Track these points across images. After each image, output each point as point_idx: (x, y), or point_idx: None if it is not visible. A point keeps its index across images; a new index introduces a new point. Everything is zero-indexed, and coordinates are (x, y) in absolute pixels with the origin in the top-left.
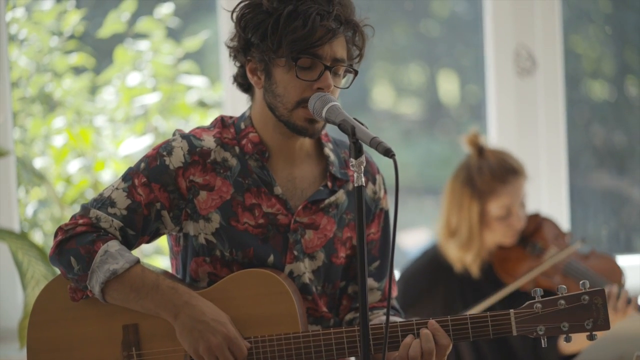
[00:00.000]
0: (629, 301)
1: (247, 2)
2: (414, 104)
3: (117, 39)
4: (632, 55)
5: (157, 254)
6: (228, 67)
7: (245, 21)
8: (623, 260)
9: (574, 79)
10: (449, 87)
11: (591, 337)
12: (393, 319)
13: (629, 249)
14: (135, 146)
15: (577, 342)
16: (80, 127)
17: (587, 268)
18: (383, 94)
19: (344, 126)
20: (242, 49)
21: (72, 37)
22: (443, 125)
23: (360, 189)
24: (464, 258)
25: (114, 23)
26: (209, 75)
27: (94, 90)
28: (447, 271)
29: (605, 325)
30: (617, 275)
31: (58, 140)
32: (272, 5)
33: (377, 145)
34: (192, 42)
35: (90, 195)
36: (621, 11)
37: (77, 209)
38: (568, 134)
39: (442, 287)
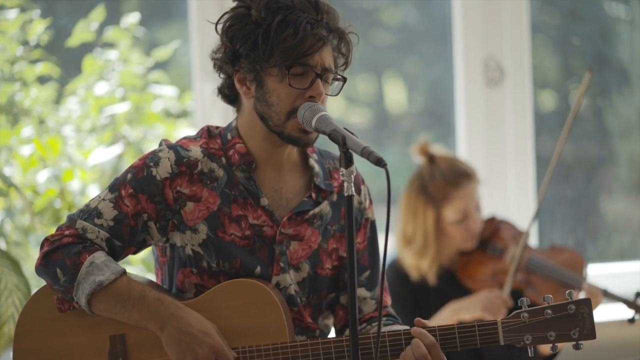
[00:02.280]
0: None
1: (232, 14)
2: (364, 113)
3: (87, 48)
4: (578, 64)
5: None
6: (198, 77)
7: (232, 32)
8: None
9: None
10: (396, 96)
11: (577, 347)
12: (391, 327)
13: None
14: (104, 156)
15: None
16: (49, 137)
17: (550, 262)
18: (332, 104)
19: (334, 136)
20: (229, 59)
21: (37, 46)
22: (392, 135)
23: (350, 199)
24: (419, 265)
25: (82, 32)
26: (179, 85)
27: (60, 99)
28: (405, 281)
29: (592, 335)
30: (579, 265)
31: (25, 150)
32: (260, 15)
33: (368, 155)
34: (162, 52)
35: (58, 205)
36: (568, 21)
37: (45, 218)
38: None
39: (402, 298)
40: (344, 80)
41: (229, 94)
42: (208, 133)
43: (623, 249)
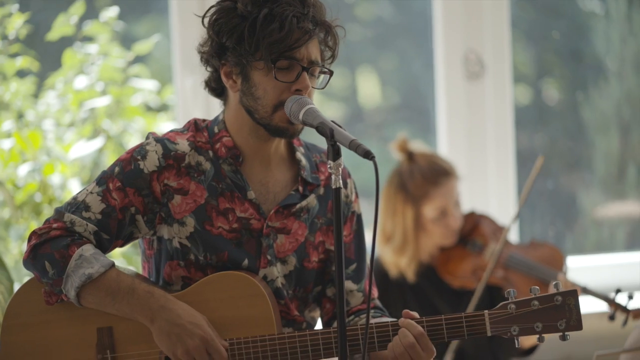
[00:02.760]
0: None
1: (219, 7)
2: (338, 108)
3: (66, 42)
4: (552, 59)
5: None
6: (179, 71)
7: (218, 25)
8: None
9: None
10: (369, 91)
11: (564, 338)
12: (379, 320)
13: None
14: (85, 149)
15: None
16: (29, 131)
17: (529, 259)
18: None
19: (322, 129)
20: (215, 53)
21: (16, 40)
22: (366, 129)
23: (338, 191)
24: (398, 262)
25: (62, 26)
26: (159, 79)
27: (39, 93)
28: (384, 278)
29: (578, 326)
30: (558, 262)
31: (5, 144)
32: (246, 8)
33: (356, 147)
34: (142, 46)
35: (39, 198)
36: (543, 17)
37: (26, 212)
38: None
39: (381, 295)
40: (331, 73)
41: (215, 87)
42: (195, 126)
43: (600, 242)
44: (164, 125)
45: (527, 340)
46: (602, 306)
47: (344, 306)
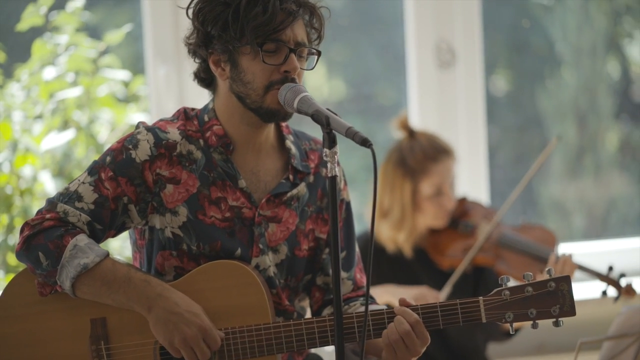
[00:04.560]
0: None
1: None
2: None
3: (35, 33)
4: (502, 50)
5: None
6: (151, 60)
7: (203, 15)
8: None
9: None
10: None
11: (557, 324)
12: (371, 307)
13: None
14: (57, 141)
15: None
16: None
17: (522, 237)
18: None
19: (317, 116)
20: (202, 43)
21: None
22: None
23: (333, 179)
24: (396, 237)
25: (32, 17)
26: (131, 69)
27: (5, 84)
28: (380, 253)
29: (572, 312)
30: (551, 241)
31: None
32: None
33: (353, 135)
34: (113, 36)
35: (10, 190)
36: (493, 6)
37: None
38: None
39: (378, 270)
40: (319, 53)
41: (204, 78)
42: (185, 115)
43: (559, 230)
44: (135, 116)
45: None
46: (587, 293)
47: (339, 294)
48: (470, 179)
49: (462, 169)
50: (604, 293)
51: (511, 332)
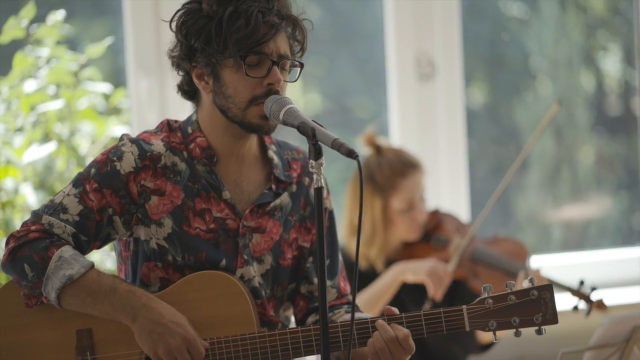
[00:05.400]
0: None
1: (184, 10)
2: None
3: (18, 45)
4: (479, 63)
5: None
6: (133, 73)
7: (186, 28)
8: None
9: None
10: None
11: (539, 332)
12: (357, 315)
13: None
14: (38, 153)
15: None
16: None
17: (494, 252)
18: None
19: (303, 128)
20: (185, 56)
21: None
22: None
23: (320, 191)
24: (368, 253)
25: (13, 29)
26: (113, 82)
27: None
28: (353, 269)
29: (554, 320)
30: (522, 255)
31: None
32: (211, 8)
33: (339, 147)
34: (95, 49)
35: None
36: (474, 19)
37: None
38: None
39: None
40: (301, 66)
41: (188, 90)
42: (168, 127)
43: (536, 243)
44: (117, 129)
45: (485, 336)
46: (567, 304)
47: (325, 303)
48: (451, 191)
49: (442, 182)
50: (575, 308)
51: (494, 341)
